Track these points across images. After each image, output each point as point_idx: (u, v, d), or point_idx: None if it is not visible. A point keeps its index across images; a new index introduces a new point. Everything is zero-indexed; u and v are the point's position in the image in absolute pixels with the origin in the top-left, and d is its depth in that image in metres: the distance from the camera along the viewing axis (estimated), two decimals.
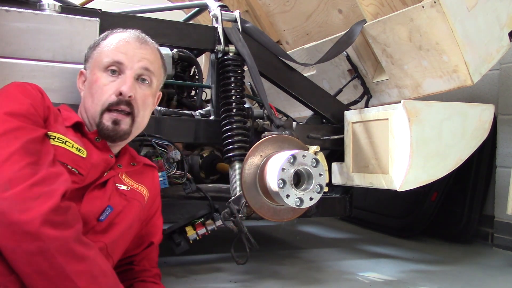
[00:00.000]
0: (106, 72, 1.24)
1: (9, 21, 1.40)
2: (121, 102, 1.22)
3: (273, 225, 3.02)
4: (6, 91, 1.12)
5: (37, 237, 0.88)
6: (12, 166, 0.93)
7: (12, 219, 0.87)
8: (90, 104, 1.23)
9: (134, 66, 1.25)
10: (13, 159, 0.95)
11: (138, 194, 1.28)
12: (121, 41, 1.27)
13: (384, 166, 1.84)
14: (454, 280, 1.91)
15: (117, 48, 1.25)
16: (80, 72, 1.33)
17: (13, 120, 1.03)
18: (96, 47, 1.30)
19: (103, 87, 1.22)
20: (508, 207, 2.12)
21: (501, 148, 2.59)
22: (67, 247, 0.91)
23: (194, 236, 1.80)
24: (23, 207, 0.88)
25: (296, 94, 2.04)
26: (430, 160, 1.79)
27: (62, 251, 0.90)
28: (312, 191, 1.52)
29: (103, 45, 1.28)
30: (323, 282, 1.83)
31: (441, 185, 2.65)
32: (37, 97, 1.13)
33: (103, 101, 1.22)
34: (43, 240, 0.88)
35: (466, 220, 2.65)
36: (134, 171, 1.32)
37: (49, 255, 0.89)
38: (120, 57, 1.24)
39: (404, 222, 2.80)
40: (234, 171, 1.74)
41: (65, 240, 0.91)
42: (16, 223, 0.87)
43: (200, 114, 1.96)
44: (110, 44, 1.27)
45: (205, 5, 1.98)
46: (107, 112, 1.22)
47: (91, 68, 1.28)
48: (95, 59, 1.27)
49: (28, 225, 0.88)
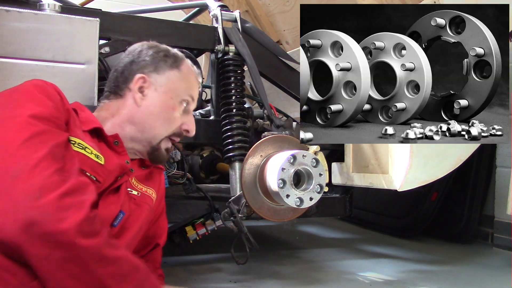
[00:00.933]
0: (181, 104, 1.30)
1: (9, 21, 1.40)
2: (180, 136, 1.32)
3: (273, 225, 3.02)
4: (27, 91, 1.08)
5: (70, 247, 0.90)
6: (42, 173, 0.93)
7: (46, 229, 0.88)
8: (157, 125, 1.28)
9: (196, 102, 1.36)
10: (42, 165, 0.94)
11: (148, 198, 1.29)
12: (194, 76, 1.36)
13: (384, 166, 1.84)
14: (454, 280, 1.91)
15: (194, 84, 1.34)
16: (143, 77, 1.28)
17: (38, 124, 1.01)
18: (175, 68, 1.31)
19: (178, 118, 1.30)
20: (508, 207, 2.12)
21: (501, 148, 2.59)
22: (99, 253, 0.94)
23: (194, 236, 1.80)
24: (57, 217, 0.89)
25: (296, 94, 2.04)
26: (430, 160, 1.79)
27: (95, 258, 0.93)
28: (312, 191, 1.52)
29: (183, 72, 1.32)
30: (323, 282, 1.83)
31: (441, 185, 2.65)
32: (58, 100, 1.11)
33: (172, 130, 1.29)
34: (76, 249, 0.90)
35: (466, 220, 2.65)
36: (144, 175, 1.33)
37: (82, 262, 0.92)
38: (195, 95, 1.34)
39: (404, 222, 2.80)
40: (234, 171, 1.74)
41: (96, 248, 0.94)
42: (50, 233, 0.89)
43: (200, 114, 1.96)
44: (188, 77, 1.33)
45: (205, 5, 1.98)
46: (165, 139, 1.29)
47: (165, 91, 1.29)
48: (174, 83, 1.30)
49: (61, 235, 0.89)
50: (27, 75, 1.40)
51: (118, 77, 1.30)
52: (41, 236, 0.88)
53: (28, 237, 0.88)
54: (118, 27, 1.67)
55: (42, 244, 0.89)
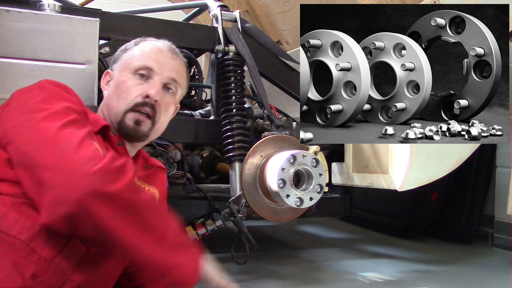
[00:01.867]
0: (135, 75, 1.26)
1: (9, 21, 1.40)
2: (146, 104, 1.24)
3: (273, 225, 3.02)
4: (52, 88, 1.13)
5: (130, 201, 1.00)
6: (88, 147, 1.01)
7: (106, 191, 0.96)
8: (115, 102, 1.25)
9: (164, 74, 1.27)
10: (85, 142, 1.02)
11: (151, 196, 1.30)
12: (155, 47, 1.30)
13: (384, 166, 1.84)
14: (454, 280, 1.91)
15: (149, 54, 1.28)
16: (106, 72, 1.33)
17: (72, 114, 1.09)
18: (128, 50, 1.31)
19: (130, 88, 1.25)
20: (508, 207, 2.12)
21: (501, 148, 2.59)
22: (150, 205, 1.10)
23: (194, 236, 1.80)
24: (112, 179, 0.98)
25: (296, 94, 2.04)
26: (430, 160, 1.79)
27: (147, 208, 1.06)
28: (312, 191, 1.52)
29: (136, 49, 1.30)
30: (323, 282, 1.83)
31: (441, 185, 2.65)
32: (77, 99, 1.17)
33: (129, 100, 1.24)
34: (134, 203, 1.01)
35: (466, 220, 2.65)
36: (148, 175, 1.33)
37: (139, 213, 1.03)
38: (151, 63, 1.26)
39: (404, 222, 2.80)
40: (234, 171, 1.74)
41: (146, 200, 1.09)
42: (110, 193, 0.97)
43: (200, 114, 1.96)
44: (143, 49, 1.30)
45: (205, 5, 1.98)
46: (131, 112, 1.24)
47: (119, 69, 1.29)
48: (126, 61, 1.28)
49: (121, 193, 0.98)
50: (27, 75, 1.40)
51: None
52: (103, 198, 0.96)
53: (92, 202, 0.94)
54: (118, 27, 1.67)
55: (106, 206, 0.96)
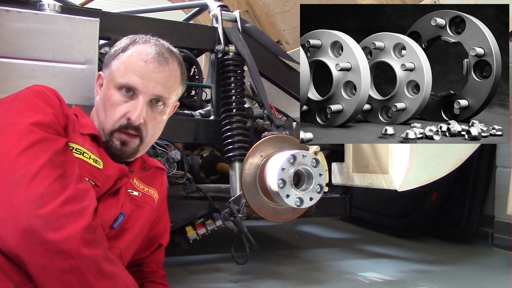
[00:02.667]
0: (120, 91, 1.19)
1: (9, 21, 1.40)
2: (129, 127, 1.19)
3: (273, 225, 3.02)
4: (27, 98, 1.08)
5: (70, 255, 0.90)
6: (43, 181, 0.93)
7: (47, 237, 0.88)
8: (103, 118, 1.21)
9: (148, 91, 1.19)
10: (42, 174, 0.94)
11: (149, 198, 1.29)
12: (140, 60, 1.20)
13: (384, 166, 1.84)
14: (454, 280, 1.91)
15: (133, 69, 1.19)
16: (98, 74, 1.28)
17: (38, 131, 1.01)
18: (115, 57, 1.23)
19: (116, 107, 1.19)
20: (508, 207, 2.12)
21: (501, 148, 2.59)
22: (97, 265, 0.94)
23: (194, 236, 1.80)
24: (57, 225, 0.90)
25: (296, 94, 2.04)
26: (430, 160, 1.79)
27: (92, 270, 0.92)
28: (312, 191, 1.52)
29: (122, 59, 1.21)
30: (323, 282, 1.83)
31: (441, 185, 2.65)
32: (57, 105, 1.11)
33: (113, 121, 1.19)
34: (75, 258, 0.90)
35: (466, 220, 2.65)
36: (146, 175, 1.32)
37: (80, 274, 0.91)
38: (134, 81, 1.18)
39: (404, 222, 2.80)
40: (234, 171, 1.74)
41: (95, 259, 0.93)
42: (50, 241, 0.88)
43: (200, 114, 1.96)
44: (128, 60, 1.20)
45: (205, 5, 1.98)
46: (116, 132, 1.20)
47: (107, 79, 1.24)
48: (112, 72, 1.22)
49: (62, 243, 0.89)
50: (27, 75, 1.40)
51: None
52: (41, 244, 0.88)
53: (28, 245, 0.88)
54: (118, 27, 1.67)
55: (42, 253, 0.89)
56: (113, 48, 1.27)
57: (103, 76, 1.26)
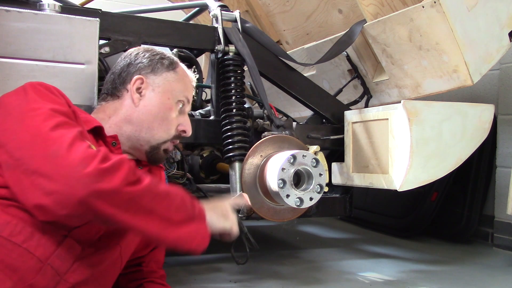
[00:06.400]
0: (178, 104, 1.30)
1: (9, 21, 1.40)
2: (179, 137, 1.33)
3: (273, 225, 3.02)
4: (36, 88, 1.11)
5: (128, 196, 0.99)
6: (78, 148, 0.99)
7: (102, 189, 0.95)
8: (157, 127, 1.27)
9: (190, 104, 1.36)
10: (76, 143, 1.00)
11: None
12: (190, 79, 1.38)
13: (384, 166, 1.84)
14: (454, 280, 1.91)
15: (189, 87, 1.36)
16: (140, 78, 1.28)
17: (60, 116, 1.06)
18: (171, 70, 1.32)
19: (174, 119, 1.30)
20: (508, 207, 2.12)
21: (501, 148, 2.59)
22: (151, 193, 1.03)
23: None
24: (106, 178, 0.96)
25: (296, 94, 2.04)
26: (430, 160, 1.79)
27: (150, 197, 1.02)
28: (312, 191, 1.52)
29: (179, 74, 1.33)
30: (323, 282, 1.83)
31: (441, 185, 2.65)
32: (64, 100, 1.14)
33: (170, 132, 1.29)
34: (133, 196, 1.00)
35: (466, 220, 2.65)
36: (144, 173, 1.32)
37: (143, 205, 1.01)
38: (190, 97, 1.35)
39: (404, 222, 2.80)
40: (234, 171, 1.74)
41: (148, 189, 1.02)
42: (107, 191, 0.96)
43: (200, 114, 1.96)
44: (185, 79, 1.35)
45: (205, 5, 1.98)
46: (169, 142, 1.30)
47: (162, 90, 1.28)
48: (171, 84, 1.30)
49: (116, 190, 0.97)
50: (27, 75, 1.40)
51: (115, 79, 1.30)
52: (102, 197, 0.95)
53: (91, 204, 0.94)
54: (118, 27, 1.67)
55: (106, 203, 0.95)
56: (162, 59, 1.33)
57: (146, 81, 1.29)
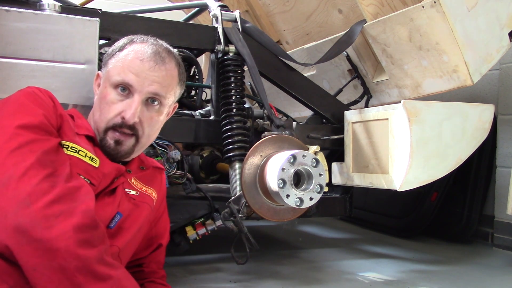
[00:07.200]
0: (116, 90, 1.19)
1: (9, 21, 1.40)
2: (124, 126, 1.18)
3: (273, 225, 3.02)
4: (17, 100, 1.08)
5: (59, 254, 0.88)
6: (30, 181, 0.93)
7: (35, 236, 0.88)
8: (98, 117, 1.21)
9: (144, 90, 1.19)
10: (30, 173, 0.94)
11: (147, 197, 1.28)
12: (136, 58, 1.20)
13: (384, 166, 1.84)
14: (454, 280, 1.91)
15: (129, 67, 1.19)
16: (97, 74, 1.29)
17: (26, 133, 1.01)
18: (112, 56, 1.24)
19: (111, 105, 1.19)
20: (508, 207, 2.12)
21: (501, 148, 2.59)
22: (89, 267, 0.91)
23: (194, 236, 1.81)
24: (46, 224, 0.89)
25: (296, 94, 2.04)
26: (430, 160, 1.79)
27: (84, 271, 0.90)
28: (312, 191, 1.52)
29: (118, 58, 1.22)
30: (323, 282, 1.83)
31: (441, 185, 2.65)
32: (50, 106, 1.11)
33: (108, 119, 1.19)
34: (65, 258, 0.88)
35: (466, 220, 2.65)
36: (144, 175, 1.32)
37: (70, 274, 0.89)
38: (130, 79, 1.18)
39: (404, 222, 2.80)
40: (234, 171, 1.74)
41: (87, 260, 0.91)
42: (39, 240, 0.88)
43: (200, 114, 1.96)
44: (125, 59, 1.21)
45: (205, 5, 1.98)
46: (111, 131, 1.19)
47: (103, 79, 1.24)
48: (109, 71, 1.22)
49: (51, 242, 0.88)
50: (27, 75, 1.40)
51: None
52: (31, 244, 0.88)
53: (18, 244, 0.88)
54: (118, 27, 1.67)
55: (32, 252, 0.88)
56: (111, 47, 1.28)
57: (101, 76, 1.27)
